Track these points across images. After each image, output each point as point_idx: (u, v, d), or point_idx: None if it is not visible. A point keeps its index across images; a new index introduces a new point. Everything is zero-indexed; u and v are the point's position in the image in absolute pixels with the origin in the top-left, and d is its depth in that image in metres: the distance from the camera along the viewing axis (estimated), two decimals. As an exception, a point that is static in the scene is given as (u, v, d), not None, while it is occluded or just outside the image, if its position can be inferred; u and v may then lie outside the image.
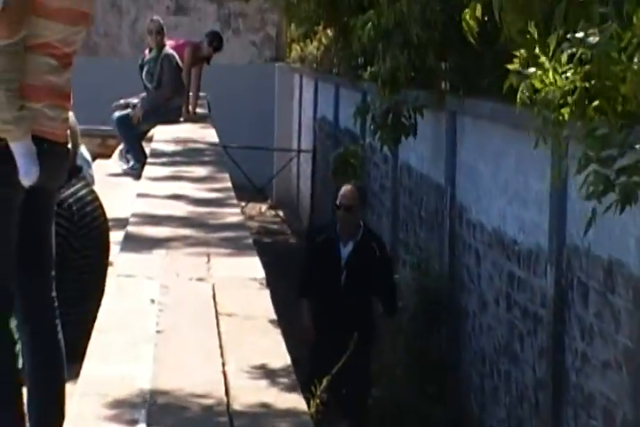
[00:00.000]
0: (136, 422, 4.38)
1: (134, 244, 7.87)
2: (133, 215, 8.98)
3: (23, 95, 4.64)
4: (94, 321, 5.77)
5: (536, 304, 7.49)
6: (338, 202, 9.80)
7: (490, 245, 8.62)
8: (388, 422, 9.10)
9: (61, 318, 5.26)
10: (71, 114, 5.97)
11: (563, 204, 6.89)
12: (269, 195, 22.57)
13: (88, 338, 5.47)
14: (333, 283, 9.36)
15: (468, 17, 6.37)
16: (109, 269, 6.77)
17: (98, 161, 13.70)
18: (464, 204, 9.38)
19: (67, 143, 4.98)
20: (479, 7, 6.11)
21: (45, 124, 4.71)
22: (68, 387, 5.10)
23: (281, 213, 21.73)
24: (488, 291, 8.64)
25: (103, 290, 6.54)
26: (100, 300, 6.30)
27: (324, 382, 8.04)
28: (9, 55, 4.68)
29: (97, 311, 5.96)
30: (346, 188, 10.23)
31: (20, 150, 4.58)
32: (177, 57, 15.49)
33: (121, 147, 15.31)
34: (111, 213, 7.48)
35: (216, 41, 17.25)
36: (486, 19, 6.14)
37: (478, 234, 8.93)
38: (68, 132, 5.06)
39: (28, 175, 4.66)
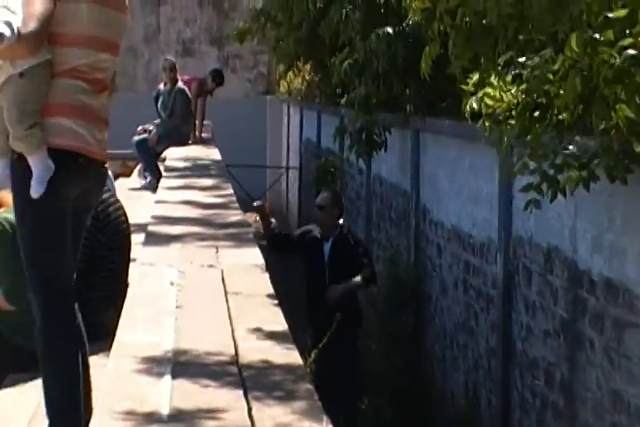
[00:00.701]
0: (163, 374, 4.44)
1: (154, 239, 7.94)
2: (153, 217, 9.05)
3: (51, 113, 4.40)
4: (122, 302, 5.78)
5: (488, 287, 7.49)
6: (315, 203, 9.86)
7: (449, 240, 8.62)
8: (365, 389, 9.07)
9: (93, 301, 5.20)
10: None
11: (508, 202, 6.90)
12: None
13: (118, 316, 5.47)
14: (319, 278, 9.36)
15: (423, 58, 6.42)
16: (132, 264, 6.73)
17: (120, 180, 13.72)
18: (427, 206, 9.38)
19: (104, 163, 4.64)
20: (434, 48, 6.11)
21: (77, 139, 4.44)
22: (104, 357, 5.06)
23: (273, 221, 21.92)
24: (448, 277, 8.65)
25: (127, 278, 6.49)
26: (126, 286, 6.30)
27: (313, 354, 8.08)
28: (32, 79, 4.42)
29: (124, 295, 5.98)
30: (322, 192, 10.29)
31: (34, 162, 4.34)
32: (187, 90, 15.53)
33: (139, 166, 15.36)
34: (132, 219, 7.50)
35: (218, 77, 17.27)
36: (442, 51, 6.15)
37: (439, 231, 8.93)
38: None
39: (38, 184, 4.36)
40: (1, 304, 5.57)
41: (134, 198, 12.04)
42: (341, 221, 9.52)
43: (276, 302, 5.89)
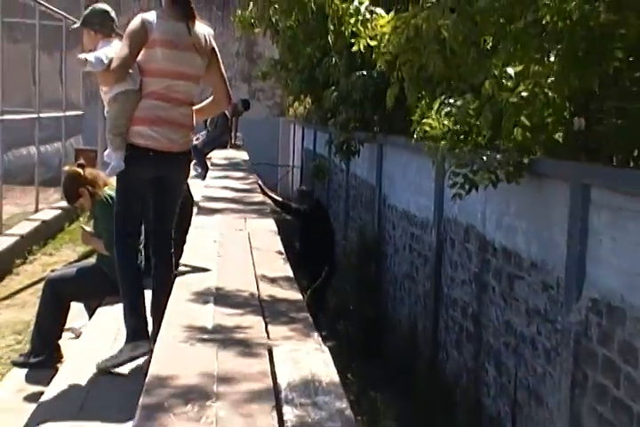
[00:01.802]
0: (208, 302, 4.58)
1: (204, 211, 8.07)
2: (202, 197, 9.11)
3: (135, 123, 4.48)
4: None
5: (425, 250, 7.50)
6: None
7: (400, 218, 8.61)
8: (341, 316, 9.13)
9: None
10: None
11: (441, 194, 6.91)
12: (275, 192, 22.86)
13: (180, 254, 5.56)
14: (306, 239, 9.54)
15: (387, 95, 6.46)
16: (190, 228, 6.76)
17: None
18: (386, 195, 9.35)
19: (180, 153, 4.62)
20: (394, 89, 6.14)
21: (151, 140, 4.50)
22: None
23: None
24: (399, 243, 8.64)
25: (187, 231, 6.44)
26: (186, 234, 6.26)
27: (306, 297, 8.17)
28: (120, 102, 4.52)
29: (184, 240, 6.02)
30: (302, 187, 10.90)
31: (114, 157, 4.50)
32: (226, 112, 15.53)
33: (194, 162, 15.34)
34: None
35: (245, 104, 17.46)
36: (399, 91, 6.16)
37: (394, 212, 8.91)
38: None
39: (111, 170, 4.57)
40: (102, 251, 5.71)
41: (190, 183, 12.05)
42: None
43: (284, 255, 6.01)
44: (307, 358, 3.56)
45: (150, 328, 4.54)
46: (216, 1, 25.05)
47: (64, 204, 13.36)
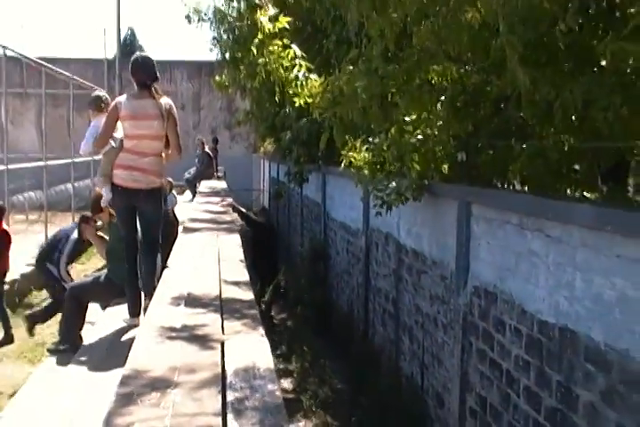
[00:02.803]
0: (180, 304, 4.39)
1: (187, 230, 7.81)
2: (187, 218, 8.92)
3: (115, 167, 4.86)
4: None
5: (358, 252, 7.42)
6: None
7: (339, 228, 8.52)
8: (298, 303, 9.03)
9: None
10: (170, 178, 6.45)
11: (367, 210, 6.86)
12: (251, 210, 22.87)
13: (166, 260, 5.70)
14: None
15: (321, 139, 6.43)
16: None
17: (180, 196, 13.59)
18: (329, 211, 9.25)
19: (145, 189, 4.87)
20: (326, 135, 6.08)
21: (122, 180, 4.89)
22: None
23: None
24: (339, 246, 8.55)
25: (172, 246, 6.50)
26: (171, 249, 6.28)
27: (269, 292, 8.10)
28: (107, 155, 4.97)
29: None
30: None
31: (104, 191, 5.02)
32: (210, 153, 15.46)
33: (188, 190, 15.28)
34: (180, 217, 7.46)
35: (215, 141, 17.62)
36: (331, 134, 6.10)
37: (336, 224, 8.80)
38: (159, 184, 4.98)
39: (104, 201, 5.13)
40: (100, 251, 5.95)
41: (183, 205, 11.94)
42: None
43: (244, 264, 5.78)
44: (250, 348, 3.40)
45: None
46: (204, 70, 24.97)
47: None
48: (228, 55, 8.84)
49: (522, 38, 3.07)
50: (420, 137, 4.49)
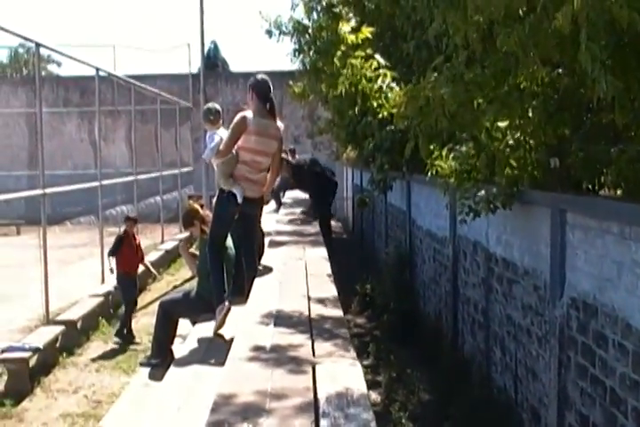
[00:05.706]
0: (269, 324, 4.37)
1: (273, 244, 7.84)
2: (273, 231, 8.96)
3: (235, 179, 5.19)
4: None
5: (445, 260, 7.33)
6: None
7: (425, 236, 8.43)
8: (384, 312, 8.93)
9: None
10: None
11: (454, 218, 6.71)
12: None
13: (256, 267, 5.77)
14: None
15: (406, 148, 6.29)
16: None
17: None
18: (414, 218, 9.16)
19: (255, 198, 5.32)
20: (411, 143, 5.89)
21: (241, 190, 5.20)
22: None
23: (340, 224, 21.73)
24: (425, 254, 8.45)
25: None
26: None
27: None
28: (224, 165, 5.22)
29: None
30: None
31: (236, 190, 5.18)
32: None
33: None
34: (265, 227, 7.51)
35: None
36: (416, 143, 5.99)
37: (421, 231, 8.71)
38: (263, 193, 5.48)
39: (240, 197, 5.20)
40: (190, 266, 6.05)
41: (267, 216, 12.05)
42: None
43: (332, 279, 5.70)
44: (342, 372, 3.27)
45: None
46: (285, 80, 25.29)
47: (182, 236, 13.72)
48: (309, 66, 8.87)
49: (605, 47, 2.91)
50: (511, 143, 4.34)
